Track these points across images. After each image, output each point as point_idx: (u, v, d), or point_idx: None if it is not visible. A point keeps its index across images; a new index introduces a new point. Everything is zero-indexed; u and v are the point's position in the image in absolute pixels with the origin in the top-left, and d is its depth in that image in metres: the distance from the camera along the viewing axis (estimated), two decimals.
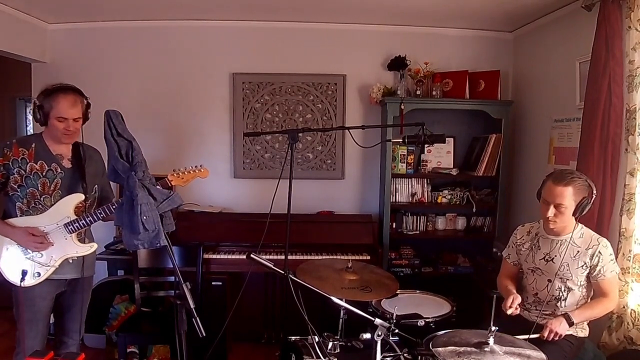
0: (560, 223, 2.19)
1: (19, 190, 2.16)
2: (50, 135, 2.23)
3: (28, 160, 2.17)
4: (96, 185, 2.36)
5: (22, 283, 2.09)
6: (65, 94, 2.18)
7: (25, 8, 3.41)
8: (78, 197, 2.22)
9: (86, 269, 2.33)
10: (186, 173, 2.28)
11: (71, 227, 2.17)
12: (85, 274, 2.34)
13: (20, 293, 2.12)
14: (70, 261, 2.23)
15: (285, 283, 2.00)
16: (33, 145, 2.20)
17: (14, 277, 2.13)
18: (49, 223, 2.16)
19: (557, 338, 2.10)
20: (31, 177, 2.16)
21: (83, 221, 2.18)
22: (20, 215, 2.17)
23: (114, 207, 2.14)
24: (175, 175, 2.26)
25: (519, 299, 2.22)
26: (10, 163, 2.14)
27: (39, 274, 2.14)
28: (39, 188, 2.17)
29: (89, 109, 2.29)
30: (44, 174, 2.19)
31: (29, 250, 2.14)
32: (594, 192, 2.17)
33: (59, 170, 2.22)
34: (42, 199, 2.18)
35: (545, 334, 2.09)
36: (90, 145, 2.39)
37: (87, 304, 2.44)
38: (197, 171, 2.31)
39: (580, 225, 2.26)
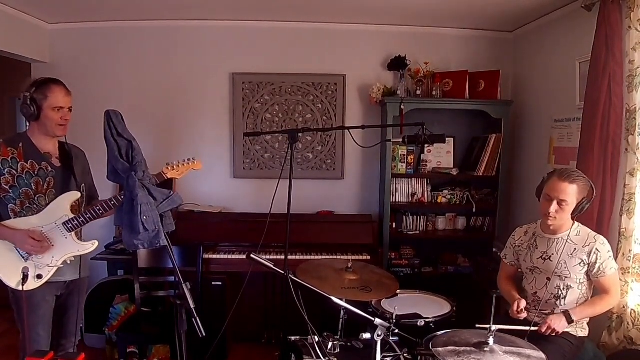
0: (559, 221, 2.22)
1: (11, 191, 2.09)
2: (39, 130, 2.17)
3: (18, 160, 2.10)
4: (84, 184, 2.32)
5: (23, 286, 2.02)
6: (56, 84, 2.16)
7: (25, 8, 3.41)
8: (74, 195, 2.18)
9: (83, 269, 2.31)
10: (180, 166, 2.27)
11: (70, 225, 2.12)
12: (82, 275, 2.31)
13: (23, 298, 2.04)
14: (69, 262, 2.17)
15: (285, 283, 1.99)
16: (21, 145, 2.14)
17: (11, 281, 2.05)
18: (46, 222, 2.11)
19: (553, 334, 2.12)
20: (24, 176, 2.11)
21: (82, 218, 2.13)
22: (14, 217, 2.10)
23: (112, 202, 2.11)
24: (170, 168, 2.25)
25: (524, 303, 2.25)
26: (0, 163, 2.08)
27: (41, 276, 2.08)
28: (33, 187, 2.12)
29: None
30: (35, 172, 2.13)
31: (27, 253, 2.08)
32: (594, 193, 2.21)
33: (49, 168, 2.17)
34: (36, 198, 2.13)
35: (543, 329, 2.11)
36: (74, 145, 2.35)
37: (82, 306, 2.41)
38: (190, 163, 2.30)
39: (577, 223, 2.28)
